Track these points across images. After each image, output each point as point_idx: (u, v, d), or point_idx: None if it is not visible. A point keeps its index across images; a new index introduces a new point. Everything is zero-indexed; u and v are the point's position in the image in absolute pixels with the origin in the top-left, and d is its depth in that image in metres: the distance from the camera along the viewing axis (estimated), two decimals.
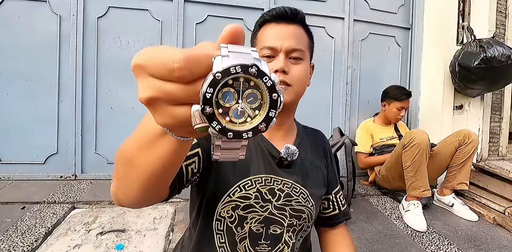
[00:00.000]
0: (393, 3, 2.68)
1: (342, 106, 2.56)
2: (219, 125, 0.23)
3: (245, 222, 0.59)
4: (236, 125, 0.23)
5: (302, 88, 0.65)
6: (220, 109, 0.23)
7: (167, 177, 0.38)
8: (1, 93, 2.05)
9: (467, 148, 1.84)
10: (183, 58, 0.21)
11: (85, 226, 1.50)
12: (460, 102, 2.56)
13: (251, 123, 0.24)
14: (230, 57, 0.22)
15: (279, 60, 0.61)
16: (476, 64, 2.15)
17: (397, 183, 1.96)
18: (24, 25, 2.07)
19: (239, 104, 0.23)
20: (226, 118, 0.23)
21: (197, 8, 2.30)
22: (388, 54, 2.70)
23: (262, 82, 0.22)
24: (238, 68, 0.21)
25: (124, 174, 0.37)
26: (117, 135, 2.18)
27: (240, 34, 0.25)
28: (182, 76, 0.22)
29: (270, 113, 0.23)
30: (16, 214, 1.56)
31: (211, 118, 0.22)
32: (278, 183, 0.62)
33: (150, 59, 0.23)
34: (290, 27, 0.64)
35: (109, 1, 2.17)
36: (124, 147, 0.36)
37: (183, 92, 0.22)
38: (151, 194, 0.40)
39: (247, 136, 0.23)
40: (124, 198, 0.40)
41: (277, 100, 0.23)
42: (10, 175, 2.06)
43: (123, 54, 2.21)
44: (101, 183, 2.08)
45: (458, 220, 1.79)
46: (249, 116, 0.24)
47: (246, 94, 0.23)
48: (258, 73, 0.22)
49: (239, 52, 0.23)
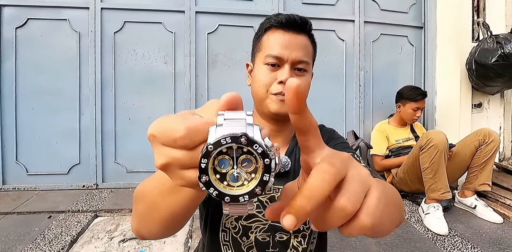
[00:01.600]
0: (404, 2, 2.65)
1: (356, 108, 2.54)
2: (216, 191, 0.24)
3: (249, 232, 0.60)
4: (234, 188, 0.25)
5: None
6: (217, 174, 0.25)
7: (188, 215, 0.41)
8: (27, 108, 2.17)
9: (488, 147, 1.79)
10: (184, 128, 0.24)
11: (108, 234, 1.56)
12: (479, 100, 2.49)
13: (248, 186, 0.25)
14: (224, 126, 0.24)
15: (284, 71, 0.61)
16: (493, 61, 2.09)
17: (416, 185, 1.92)
18: (46, 43, 2.19)
19: (234, 169, 0.24)
20: (224, 182, 0.25)
21: (208, 18, 2.36)
22: (401, 54, 2.66)
23: (252, 149, 0.23)
24: (228, 139, 0.23)
25: (147, 215, 0.40)
26: (136, 144, 2.25)
27: (237, 101, 0.27)
28: (184, 145, 0.24)
29: (264, 177, 0.24)
30: (43, 223, 1.65)
31: (208, 185, 0.24)
32: (277, 191, 0.63)
33: (158, 129, 0.25)
34: (298, 37, 0.63)
35: (124, 16, 2.27)
36: (145, 191, 0.39)
37: (188, 158, 0.24)
38: (173, 228, 0.43)
39: (244, 200, 0.24)
40: (147, 234, 0.43)
41: (270, 165, 0.24)
42: (37, 185, 2.16)
43: (139, 66, 2.29)
44: (121, 192, 2.15)
45: (482, 222, 1.73)
46: (246, 179, 0.25)
47: (240, 159, 0.24)
48: (247, 142, 0.23)
49: (234, 118, 0.25)
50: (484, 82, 2.25)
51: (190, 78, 2.33)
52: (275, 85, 0.62)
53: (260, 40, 0.66)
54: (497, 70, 2.10)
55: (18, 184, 2.16)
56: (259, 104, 0.67)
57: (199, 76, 2.35)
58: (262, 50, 0.65)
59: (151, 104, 2.30)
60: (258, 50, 0.67)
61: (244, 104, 0.28)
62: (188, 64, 2.33)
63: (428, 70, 2.62)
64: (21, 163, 2.16)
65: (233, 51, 2.38)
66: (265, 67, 0.63)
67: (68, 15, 2.20)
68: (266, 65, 0.63)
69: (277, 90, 0.61)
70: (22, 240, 1.45)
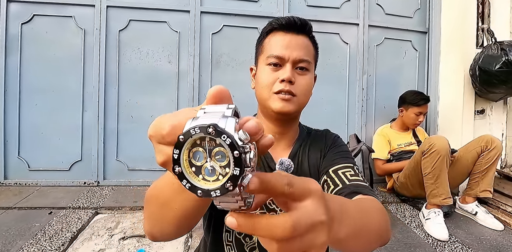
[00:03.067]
0: (409, 7, 2.66)
1: (358, 112, 2.54)
2: (189, 184, 0.24)
3: None
4: (209, 183, 0.24)
5: (305, 99, 0.66)
6: (193, 167, 0.24)
7: (201, 213, 0.41)
8: (30, 104, 2.18)
9: (490, 154, 1.78)
10: (168, 126, 0.25)
11: (108, 231, 1.56)
12: (482, 107, 2.48)
13: (221, 181, 0.24)
14: (199, 118, 0.24)
15: (286, 70, 0.62)
16: (497, 68, 2.09)
17: (417, 190, 1.92)
18: (51, 39, 2.20)
19: (208, 162, 0.24)
20: (199, 176, 0.24)
21: (213, 18, 2.37)
22: (404, 59, 2.67)
23: (222, 140, 0.23)
24: (197, 129, 0.23)
25: (160, 215, 0.40)
26: (137, 142, 2.26)
27: (223, 94, 0.28)
28: (170, 141, 0.25)
29: (234, 171, 0.23)
30: (44, 219, 1.65)
31: (181, 177, 0.24)
32: None
33: (152, 128, 0.27)
34: (298, 37, 0.65)
35: (129, 15, 2.27)
36: (157, 191, 0.39)
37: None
38: (186, 227, 0.43)
39: (216, 195, 0.23)
40: (160, 235, 0.43)
41: (240, 158, 0.23)
42: (38, 181, 2.17)
43: (143, 64, 2.30)
44: (122, 189, 2.15)
45: (482, 229, 1.73)
46: (221, 174, 0.24)
47: (214, 152, 0.24)
48: (215, 133, 0.22)
49: (213, 111, 0.25)
50: (487, 88, 2.25)
51: (194, 77, 2.33)
52: (277, 83, 0.63)
53: (262, 43, 0.68)
54: (501, 77, 2.10)
55: (20, 179, 2.16)
56: (263, 105, 0.67)
57: (203, 76, 2.36)
58: (264, 52, 0.67)
59: (154, 103, 2.30)
60: (261, 53, 0.68)
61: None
62: (191, 64, 2.33)
63: (432, 75, 2.62)
64: (23, 158, 2.16)
65: (237, 51, 2.38)
66: (267, 67, 0.65)
67: (74, 12, 2.21)
68: (268, 65, 0.65)
69: (279, 88, 0.62)
70: (23, 236, 1.46)
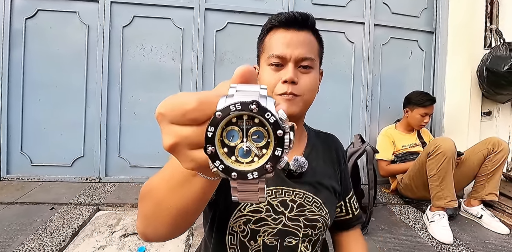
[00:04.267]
0: (416, 6, 2.62)
1: (363, 112, 2.51)
2: (222, 165, 0.22)
3: (257, 236, 0.58)
4: (242, 165, 0.23)
5: (311, 97, 0.64)
6: (225, 148, 0.22)
7: (197, 212, 0.39)
8: (34, 99, 2.17)
9: (496, 157, 1.76)
10: (194, 100, 0.23)
11: (109, 228, 1.55)
12: (489, 108, 2.45)
13: (258, 163, 0.22)
14: (234, 96, 0.22)
15: (288, 70, 0.59)
16: (506, 69, 2.06)
17: (421, 192, 1.89)
18: (55, 34, 2.19)
19: (244, 142, 0.22)
20: (232, 157, 0.23)
21: (217, 15, 2.35)
22: (410, 59, 2.64)
23: (264, 118, 0.21)
24: (238, 105, 0.21)
25: (155, 214, 0.38)
26: (140, 139, 2.25)
27: (251, 74, 0.26)
28: (195, 118, 0.23)
29: (276, 151, 0.22)
30: (45, 215, 1.64)
31: (214, 157, 0.22)
32: (290, 194, 0.61)
33: (167, 106, 0.24)
34: (300, 34, 0.61)
35: (134, 11, 2.26)
36: (151, 188, 0.37)
37: (198, 134, 0.23)
38: (181, 228, 0.41)
39: (253, 177, 0.22)
40: (153, 235, 0.41)
41: (283, 138, 0.22)
42: (40, 176, 2.17)
43: (146, 61, 2.29)
44: (124, 186, 2.15)
45: (487, 232, 1.70)
46: (256, 155, 0.23)
47: (251, 132, 0.22)
48: (259, 110, 0.21)
49: (247, 90, 0.23)
50: (495, 90, 2.22)
51: (197, 75, 2.32)
52: (280, 85, 0.60)
53: (263, 41, 0.65)
54: (509, 78, 2.07)
55: (22, 174, 2.16)
56: None
57: (206, 73, 2.34)
58: (265, 52, 0.64)
59: (157, 100, 2.25)
60: (262, 52, 0.66)
61: None
62: (195, 61, 2.32)
63: (438, 76, 2.59)
64: (25, 153, 2.16)
65: (241, 49, 2.36)
66: (269, 68, 0.62)
67: (78, 8, 2.20)
68: (270, 65, 0.62)
69: (282, 90, 0.59)
70: (24, 231, 1.45)
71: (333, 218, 0.70)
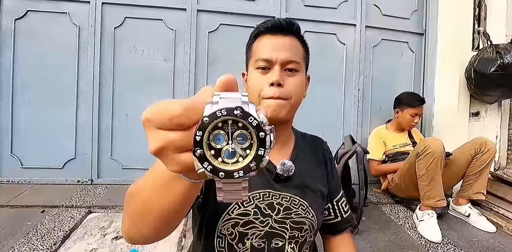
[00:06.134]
0: (406, 8, 2.66)
1: (354, 113, 2.54)
2: (210, 166, 0.24)
3: (246, 239, 0.59)
4: (228, 165, 0.25)
5: (298, 100, 0.65)
6: (212, 150, 0.24)
7: (181, 214, 0.40)
8: (24, 101, 2.15)
9: (484, 156, 1.80)
10: (181, 106, 0.24)
11: (101, 231, 1.54)
12: (477, 109, 2.50)
13: (242, 163, 0.25)
14: (219, 102, 0.24)
15: (274, 72, 0.61)
16: (492, 71, 2.10)
17: (411, 191, 1.92)
18: (45, 35, 2.17)
19: (229, 145, 0.25)
20: (218, 158, 0.25)
21: (209, 17, 2.35)
22: (401, 60, 2.67)
23: (247, 122, 0.24)
24: (224, 111, 0.23)
25: (139, 215, 0.39)
26: (132, 141, 2.24)
27: (232, 82, 0.28)
28: (181, 123, 0.24)
29: (259, 151, 0.24)
30: (36, 218, 1.63)
31: (202, 159, 0.24)
32: (277, 197, 0.63)
33: (154, 111, 0.25)
34: (285, 38, 0.64)
35: (125, 12, 2.25)
36: (137, 190, 0.38)
37: (184, 138, 0.24)
38: (165, 230, 0.42)
39: (239, 175, 0.24)
40: (138, 236, 0.41)
41: (265, 139, 0.24)
42: (31, 179, 2.14)
43: (138, 62, 2.28)
44: (116, 188, 2.13)
45: (475, 231, 1.74)
46: (241, 156, 0.25)
47: (235, 135, 0.25)
48: (242, 114, 0.23)
49: (229, 97, 0.25)
50: (482, 91, 2.27)
51: (189, 76, 2.32)
52: (267, 88, 0.61)
53: (251, 47, 0.68)
54: (496, 79, 2.11)
55: (12, 177, 2.13)
56: None
57: (198, 75, 2.34)
58: (253, 56, 0.66)
59: (149, 101, 2.16)
60: (250, 57, 0.68)
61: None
62: (187, 62, 2.31)
63: (428, 77, 2.63)
64: (15, 156, 2.14)
65: (234, 51, 2.37)
66: (256, 71, 0.64)
67: (68, 9, 2.18)
68: (257, 69, 0.64)
69: (268, 94, 0.61)
70: (14, 234, 1.44)
71: (321, 220, 0.71)
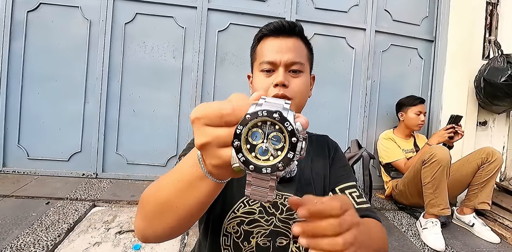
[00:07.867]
0: (417, 15, 2.65)
1: (360, 117, 2.54)
2: (243, 157, 0.27)
3: (251, 237, 0.60)
4: (259, 161, 0.27)
5: (302, 101, 0.66)
6: (248, 145, 0.27)
7: (199, 214, 0.41)
8: (33, 93, 2.16)
9: (490, 166, 1.79)
10: (231, 107, 0.28)
11: (105, 225, 1.55)
12: (484, 118, 2.49)
13: (272, 161, 0.27)
14: (263, 105, 0.27)
15: (278, 74, 0.63)
16: (503, 80, 2.09)
17: (415, 199, 1.92)
18: (56, 29, 2.18)
19: (264, 143, 0.27)
20: (252, 153, 0.27)
21: (220, 16, 2.35)
22: (409, 66, 2.66)
23: (283, 126, 0.26)
24: (265, 112, 0.26)
25: (158, 216, 0.39)
26: (138, 137, 2.25)
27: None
28: (229, 121, 0.28)
29: (288, 154, 0.26)
30: (41, 209, 1.64)
31: (238, 150, 0.27)
32: (280, 197, 0.64)
33: (205, 111, 0.29)
34: (288, 40, 0.65)
35: (136, 8, 2.26)
36: (157, 190, 0.39)
37: (228, 134, 0.27)
38: (182, 229, 0.43)
39: (266, 172, 0.27)
40: (153, 236, 0.42)
41: (296, 144, 0.26)
42: (36, 170, 2.16)
43: (147, 59, 2.28)
44: (120, 183, 2.14)
45: (479, 241, 1.73)
46: (272, 155, 0.27)
47: (271, 135, 0.27)
48: (280, 118, 0.26)
49: (273, 102, 0.28)
50: (491, 100, 2.26)
51: (198, 74, 2.32)
52: (271, 89, 0.62)
53: (255, 50, 0.70)
54: (506, 89, 2.10)
55: (18, 167, 2.15)
56: None
57: (207, 73, 2.35)
58: (257, 59, 0.67)
59: (157, 98, 2.29)
60: (255, 60, 0.69)
61: None
62: (196, 60, 2.32)
63: (436, 84, 2.61)
64: (22, 146, 2.15)
65: (243, 50, 2.37)
66: (261, 73, 0.66)
67: (81, 3, 2.19)
68: (262, 71, 0.65)
69: (273, 93, 0.62)
70: (19, 224, 1.45)
71: None
